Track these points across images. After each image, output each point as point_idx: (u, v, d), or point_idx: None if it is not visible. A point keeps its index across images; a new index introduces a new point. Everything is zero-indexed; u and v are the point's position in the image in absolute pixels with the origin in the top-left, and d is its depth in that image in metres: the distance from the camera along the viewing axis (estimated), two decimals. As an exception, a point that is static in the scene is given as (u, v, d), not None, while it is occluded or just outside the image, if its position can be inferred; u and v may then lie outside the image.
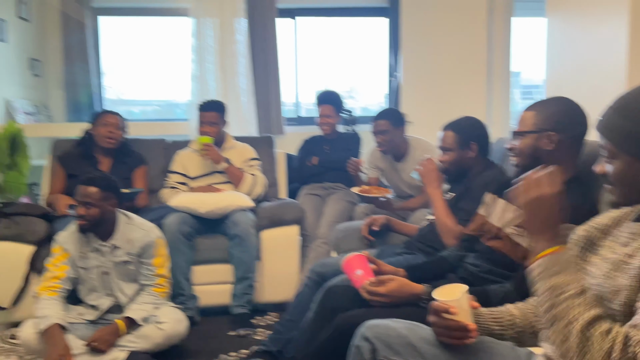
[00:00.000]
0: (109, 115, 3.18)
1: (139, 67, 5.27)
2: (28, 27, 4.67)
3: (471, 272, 1.77)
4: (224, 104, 3.28)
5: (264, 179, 3.29)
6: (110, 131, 3.13)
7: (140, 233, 2.43)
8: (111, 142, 3.14)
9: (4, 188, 3.83)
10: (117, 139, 3.16)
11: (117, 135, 3.16)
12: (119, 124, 3.17)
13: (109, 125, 3.14)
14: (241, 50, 4.23)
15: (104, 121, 3.15)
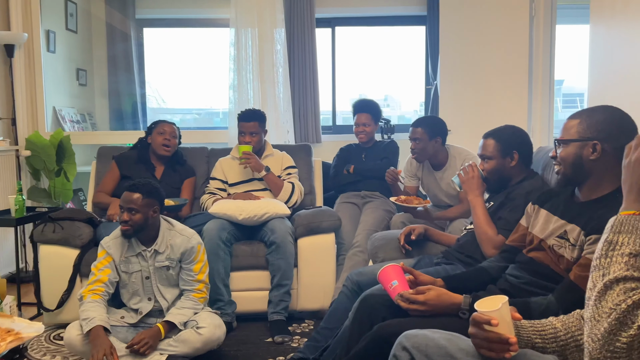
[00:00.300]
0: (166, 124, 3.27)
1: (180, 76, 5.40)
2: (75, 39, 4.85)
3: (512, 283, 1.74)
4: (263, 113, 3.33)
5: (302, 187, 3.32)
6: (167, 139, 3.23)
7: (181, 239, 2.49)
8: (167, 149, 3.24)
9: (51, 193, 3.99)
10: (173, 147, 3.26)
11: (173, 143, 3.26)
12: (174, 133, 3.27)
13: (165, 133, 3.24)
14: (280, 59, 4.29)
15: (161, 130, 3.25)
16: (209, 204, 3.18)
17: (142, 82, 5.11)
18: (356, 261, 3.07)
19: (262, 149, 3.33)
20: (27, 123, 4.16)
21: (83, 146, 4.62)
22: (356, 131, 3.57)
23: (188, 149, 3.55)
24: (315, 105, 4.54)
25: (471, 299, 1.64)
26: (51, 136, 3.97)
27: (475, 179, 2.23)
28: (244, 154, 3.14)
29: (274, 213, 2.96)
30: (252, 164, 3.15)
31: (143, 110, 5.09)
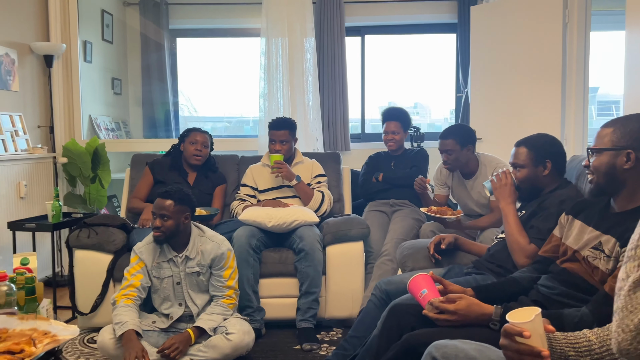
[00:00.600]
0: (197, 133, 3.32)
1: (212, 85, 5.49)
2: (111, 49, 4.99)
3: (544, 294, 1.71)
4: (294, 121, 3.36)
5: (331, 196, 3.33)
6: (198, 149, 3.28)
7: (211, 245, 2.52)
8: (198, 159, 3.29)
9: (86, 200, 4.09)
10: (204, 156, 3.31)
11: (204, 153, 3.31)
12: (205, 142, 3.31)
13: (197, 143, 3.29)
14: (309, 68, 4.32)
15: (193, 139, 3.30)
16: (239, 210, 3.22)
17: (175, 91, 5.22)
18: (385, 270, 3.05)
19: (292, 157, 3.35)
20: (65, 131, 4.29)
21: (117, 154, 4.73)
22: (385, 139, 3.56)
23: (219, 156, 3.60)
24: (344, 113, 4.55)
25: (502, 309, 1.61)
26: (87, 144, 4.08)
27: (508, 186, 2.20)
28: (275, 163, 3.17)
29: (302, 220, 2.97)
30: (284, 173, 3.18)
31: (176, 118, 5.19)
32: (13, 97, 3.85)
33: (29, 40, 4.02)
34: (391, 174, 3.50)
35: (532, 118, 4.06)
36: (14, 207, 3.63)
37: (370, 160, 3.68)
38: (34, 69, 4.10)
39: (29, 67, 4.03)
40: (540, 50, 4.01)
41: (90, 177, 4.06)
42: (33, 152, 3.87)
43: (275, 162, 3.17)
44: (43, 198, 3.93)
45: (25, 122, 3.92)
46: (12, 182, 3.63)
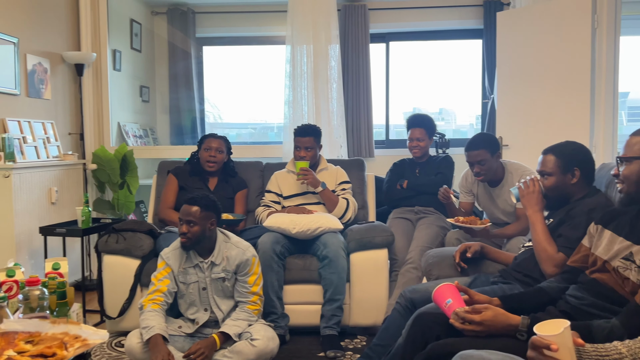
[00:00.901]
0: (211, 140, 3.35)
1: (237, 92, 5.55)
2: (139, 57, 5.09)
3: (572, 304, 1.68)
4: (319, 128, 3.37)
5: (356, 203, 3.33)
6: (212, 155, 3.30)
7: (236, 251, 2.55)
8: (211, 165, 3.30)
9: (115, 205, 4.17)
10: (218, 162, 3.32)
11: (218, 158, 3.31)
12: (220, 148, 3.32)
13: (210, 150, 3.31)
14: (334, 75, 4.34)
15: (206, 145, 3.33)
16: (264, 216, 3.24)
17: (202, 98, 5.29)
18: (409, 278, 3.04)
19: (316, 163, 3.37)
20: (94, 138, 4.39)
21: (145, 160, 4.81)
22: (410, 146, 3.55)
23: (243, 163, 3.63)
24: (368, 119, 4.56)
25: (529, 320, 1.59)
26: (116, 150, 4.16)
27: (535, 193, 2.17)
28: (301, 170, 3.18)
29: (326, 227, 2.98)
30: (310, 180, 3.19)
31: (202, 125, 5.26)
32: (45, 105, 3.96)
33: (61, 50, 4.13)
34: (416, 181, 3.49)
35: (560, 125, 3.99)
36: (45, 212, 3.72)
37: (395, 167, 3.66)
38: (66, 77, 4.21)
39: (60, 75, 4.14)
40: (568, 56, 3.95)
41: (118, 183, 4.14)
42: (64, 159, 3.97)
43: (301, 169, 3.18)
44: (73, 204, 4.02)
45: (56, 129, 4.02)
46: (44, 188, 3.72)
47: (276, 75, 5.01)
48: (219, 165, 3.33)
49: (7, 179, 3.36)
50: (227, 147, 3.39)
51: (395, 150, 4.61)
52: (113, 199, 4.19)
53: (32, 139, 3.72)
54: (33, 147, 3.71)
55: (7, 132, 3.50)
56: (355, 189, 3.46)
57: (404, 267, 3.11)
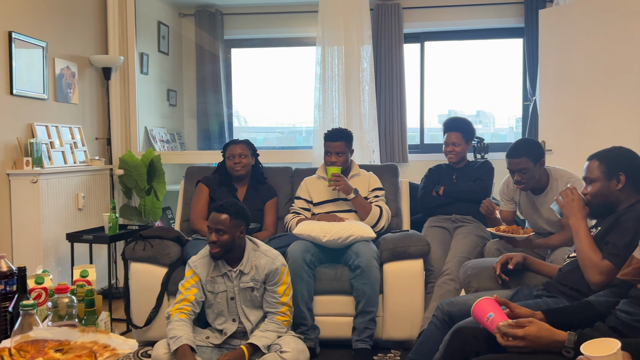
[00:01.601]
0: (232, 147, 3.38)
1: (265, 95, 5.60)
2: (166, 60, 5.19)
3: (623, 320, 1.64)
4: (350, 132, 3.38)
5: (389, 211, 3.32)
6: (236, 162, 3.33)
7: (265, 260, 2.57)
8: (239, 171, 3.33)
9: (142, 212, 4.25)
10: (245, 166, 3.34)
11: (245, 162, 3.34)
12: (243, 152, 3.35)
13: (234, 157, 3.34)
14: (366, 77, 4.34)
15: (229, 153, 3.37)
16: (293, 224, 3.25)
17: (229, 102, 5.35)
18: (446, 290, 3.01)
19: (348, 169, 3.37)
20: (121, 143, 4.49)
21: (172, 165, 4.89)
22: (445, 151, 3.52)
23: (272, 168, 3.66)
24: (402, 123, 4.54)
25: (576, 336, 1.56)
26: (143, 155, 4.24)
27: (575, 201, 2.14)
28: (333, 176, 3.19)
29: (358, 236, 2.98)
30: (342, 187, 3.19)
31: (230, 129, 5.32)
32: (73, 110, 4.07)
33: (89, 54, 4.25)
34: (453, 187, 3.45)
35: (608, 129, 3.90)
36: (72, 218, 3.82)
37: (431, 172, 3.64)
38: (93, 81, 4.32)
39: (88, 79, 4.25)
40: (618, 56, 3.86)
41: (145, 189, 4.22)
42: (91, 164, 4.06)
43: (332, 174, 3.19)
44: (100, 210, 4.12)
45: (83, 134, 4.13)
46: (71, 194, 3.82)
47: (306, 78, 5.04)
48: (248, 169, 3.36)
49: (34, 184, 3.46)
50: (251, 150, 3.41)
51: (430, 155, 4.58)
52: (140, 205, 4.27)
53: (59, 143, 3.82)
54: (60, 152, 3.82)
55: (35, 137, 3.61)
56: (389, 195, 3.45)
57: (440, 278, 3.08)
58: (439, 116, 5.18)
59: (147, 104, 4.83)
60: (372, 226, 3.16)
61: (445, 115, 5.07)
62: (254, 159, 3.45)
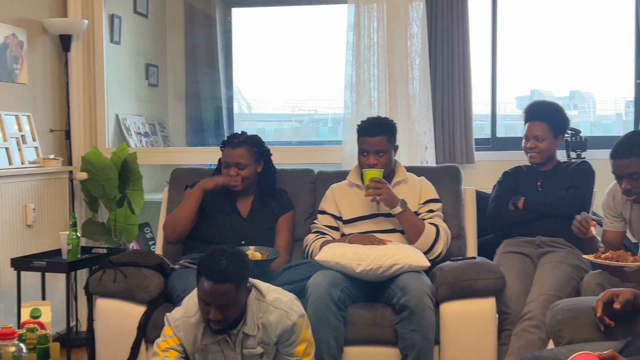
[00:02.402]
0: (228, 151, 3.36)
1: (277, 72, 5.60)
2: (145, 25, 5.24)
3: None
4: (394, 123, 3.38)
5: (449, 232, 3.31)
6: (231, 175, 3.31)
7: (276, 314, 2.57)
8: (234, 187, 3.33)
9: (111, 229, 4.29)
10: (244, 180, 3.33)
11: (243, 174, 3.32)
12: (242, 160, 3.32)
13: (229, 166, 3.33)
14: (416, 46, 4.31)
15: (224, 160, 3.37)
16: (316, 247, 3.26)
17: (229, 80, 5.37)
18: (529, 340, 2.98)
19: (391, 173, 3.36)
20: (84, 136, 4.54)
21: (152, 167, 4.92)
22: (526, 147, 3.51)
23: (287, 171, 3.67)
24: (465, 108, 4.50)
25: None
26: (113, 154, 4.28)
27: None
28: (371, 181, 3.18)
29: (406, 264, 2.97)
30: (384, 197, 3.18)
31: (229, 118, 5.33)
32: (20, 92, 4.13)
33: (41, 16, 4.29)
34: (537, 199, 3.44)
35: None
36: (18, 238, 3.87)
37: (506, 177, 3.62)
38: (47, 54, 4.37)
39: (40, 51, 4.31)
40: None
41: (116, 199, 4.25)
42: (44, 165, 4.11)
43: (371, 179, 3.18)
44: (56, 227, 4.16)
45: (34, 124, 4.16)
46: (17, 206, 3.87)
47: (333, 48, 5.03)
48: (247, 182, 3.37)
49: (-30, 192, 3.53)
50: (256, 153, 3.40)
51: (504, 154, 4.53)
52: (109, 221, 4.31)
53: (1, 137, 3.87)
54: (4, 149, 3.86)
55: (-30, 128, 3.67)
56: (448, 210, 3.44)
57: (519, 324, 3.06)
58: (518, 99, 5.13)
59: (120, 84, 4.88)
60: (424, 251, 3.15)
61: (527, 99, 5.02)
62: (262, 164, 3.44)
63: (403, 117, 4.27)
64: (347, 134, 4.34)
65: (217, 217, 3.37)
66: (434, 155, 4.37)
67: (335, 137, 5.62)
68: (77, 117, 4.49)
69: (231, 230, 3.35)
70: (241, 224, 3.38)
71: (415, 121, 4.31)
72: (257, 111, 5.95)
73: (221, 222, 3.37)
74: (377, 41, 4.32)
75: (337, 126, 5.61)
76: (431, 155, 4.34)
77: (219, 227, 3.36)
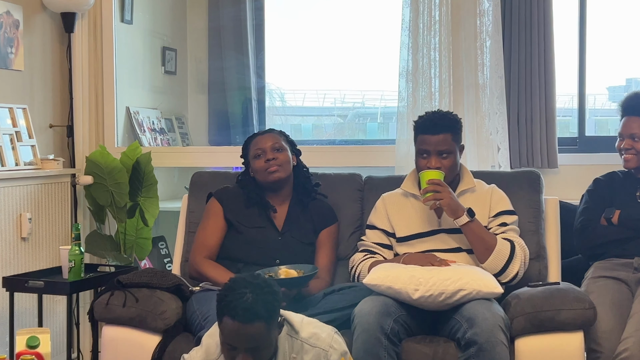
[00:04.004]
0: (259, 138, 3.42)
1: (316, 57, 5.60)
2: (162, 1, 5.28)
3: None
4: (459, 119, 3.37)
5: (526, 249, 3.27)
6: (269, 158, 3.34)
7: (312, 355, 2.54)
8: (275, 172, 3.35)
9: (120, 244, 4.31)
10: (284, 164, 3.36)
11: (282, 159, 3.36)
12: (277, 143, 3.38)
13: (264, 152, 3.36)
14: (487, 25, 4.28)
15: (255, 150, 3.40)
16: (364, 268, 3.26)
17: (260, 68, 5.36)
18: (626, 385, 2.94)
19: (455, 180, 3.34)
20: (90, 133, 4.58)
21: (168, 170, 4.95)
22: (620, 148, 3.48)
23: (328, 176, 3.69)
24: (547, 101, 4.45)
25: None
26: (123, 154, 4.31)
27: None
28: (429, 183, 3.16)
29: (474, 290, 2.95)
30: (446, 201, 3.15)
31: (260, 112, 5.33)
32: (15, 80, 4.18)
33: (41, -8, 4.36)
34: (636, 212, 3.39)
35: None
36: (12, 253, 3.91)
37: (598, 185, 3.59)
38: (47, 35, 4.42)
39: (39, 32, 4.35)
40: None
41: (127, 208, 4.28)
42: (42, 167, 4.15)
43: (429, 181, 3.17)
44: (55, 240, 4.20)
45: (31, 119, 4.21)
46: (11, 215, 3.91)
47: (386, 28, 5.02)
48: (288, 170, 3.40)
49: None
50: (289, 142, 3.48)
51: (595, 157, 4.47)
52: (118, 234, 4.34)
53: (-7, 134, 3.94)
54: (-4, 148, 3.93)
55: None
56: (525, 224, 3.43)
57: (613, 364, 3.02)
58: (611, 90, 5.06)
59: (131, 71, 4.91)
60: (496, 273, 3.13)
61: (622, 89, 4.95)
62: (295, 158, 3.49)
63: (470, 111, 4.24)
64: (401, 132, 4.32)
65: (247, 232, 3.39)
66: (508, 158, 4.32)
67: (387, 135, 5.60)
68: (81, 111, 4.54)
69: (263, 247, 3.37)
70: (275, 238, 3.39)
71: (485, 116, 4.28)
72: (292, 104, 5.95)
73: (251, 237, 3.38)
74: (439, 19, 4.30)
75: (388, 122, 5.59)
76: (504, 157, 4.30)
77: (249, 243, 3.38)
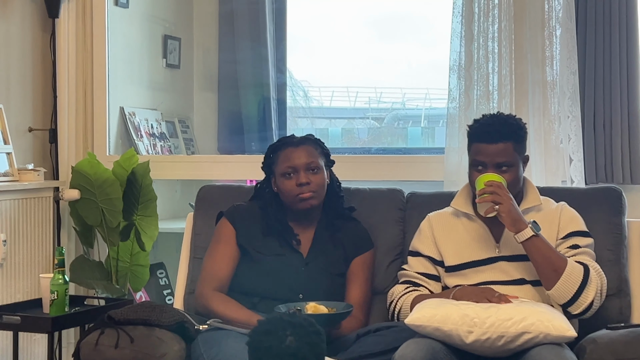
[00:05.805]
0: (289, 152, 3.39)
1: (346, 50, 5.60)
2: (164, -19, 5.31)
3: None
4: (523, 124, 3.36)
5: (604, 277, 3.24)
6: (301, 183, 3.32)
7: None
8: (307, 200, 3.35)
9: (111, 272, 4.33)
10: (318, 190, 3.37)
11: (317, 182, 3.36)
12: (312, 162, 3.38)
13: (297, 172, 3.35)
14: (557, 11, 4.28)
15: (285, 166, 3.37)
16: (406, 304, 3.26)
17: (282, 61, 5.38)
18: None
19: (518, 196, 3.33)
20: (76, 138, 4.61)
21: (170, 183, 4.97)
22: None
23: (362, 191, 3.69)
24: (630, 103, 4.43)
25: None
26: (116, 163, 4.33)
27: None
28: (488, 185, 3.15)
29: (541, 333, 2.91)
30: (506, 207, 3.12)
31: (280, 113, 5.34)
32: (-11, 76, 4.24)
33: (21, -31, 4.41)
34: None
35: None
36: (-17, 281, 3.95)
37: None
38: (27, 21, 4.47)
39: (17, 17, 4.40)
40: None
41: (120, 229, 4.30)
42: (19, 180, 4.18)
43: (487, 182, 3.16)
44: (35, 267, 4.23)
45: (6, 121, 4.24)
46: (-18, 235, 3.95)
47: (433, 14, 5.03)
48: (322, 196, 3.41)
49: None
50: (324, 155, 3.48)
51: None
52: (109, 260, 4.35)
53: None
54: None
55: None
56: (603, 252, 3.42)
57: None
58: None
59: (127, 65, 4.95)
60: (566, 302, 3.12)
61: None
62: (328, 173, 3.49)
63: (536, 114, 4.24)
64: (451, 139, 4.32)
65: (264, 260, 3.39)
66: (583, 171, 4.31)
67: (433, 142, 5.59)
68: (66, 112, 4.57)
69: (284, 279, 3.36)
70: (298, 268, 3.39)
71: (555, 120, 4.27)
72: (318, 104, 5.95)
73: (269, 267, 3.37)
74: (498, 3, 4.30)
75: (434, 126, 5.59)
76: (578, 171, 4.28)
77: (267, 274, 3.37)
